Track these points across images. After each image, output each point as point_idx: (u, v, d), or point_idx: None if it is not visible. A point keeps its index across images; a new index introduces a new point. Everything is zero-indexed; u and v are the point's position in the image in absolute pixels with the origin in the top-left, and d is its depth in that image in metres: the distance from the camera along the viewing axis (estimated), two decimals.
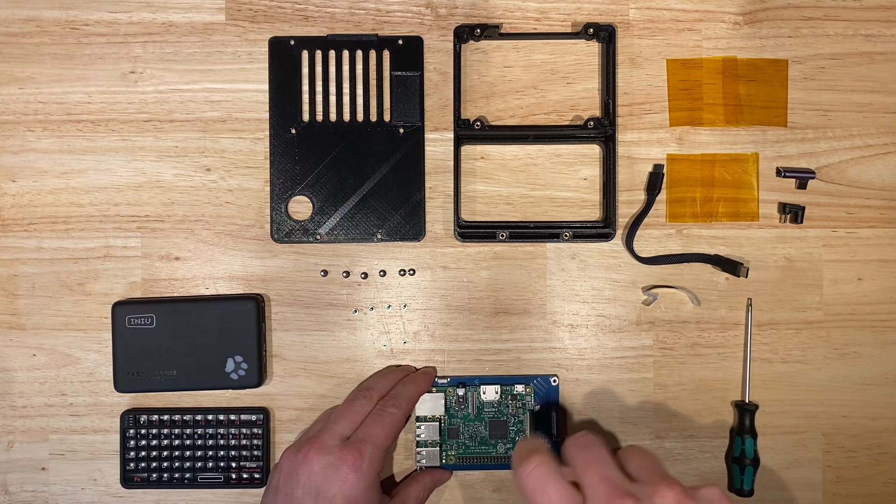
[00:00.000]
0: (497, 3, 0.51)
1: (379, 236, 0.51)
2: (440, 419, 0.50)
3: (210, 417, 0.50)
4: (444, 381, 0.51)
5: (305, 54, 0.51)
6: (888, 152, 0.52)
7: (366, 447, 0.44)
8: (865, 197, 0.52)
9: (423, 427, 0.50)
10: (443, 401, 0.50)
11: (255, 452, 0.50)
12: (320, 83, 0.51)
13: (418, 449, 0.50)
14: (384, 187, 0.51)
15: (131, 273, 0.51)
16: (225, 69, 0.51)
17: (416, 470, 0.50)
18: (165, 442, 0.50)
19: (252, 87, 0.51)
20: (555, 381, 0.51)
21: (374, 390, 0.48)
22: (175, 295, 0.51)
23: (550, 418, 0.50)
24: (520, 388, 0.50)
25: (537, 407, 0.50)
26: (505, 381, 0.51)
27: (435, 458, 0.50)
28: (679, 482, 0.35)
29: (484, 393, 0.50)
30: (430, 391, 0.50)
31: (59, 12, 0.51)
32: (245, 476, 0.50)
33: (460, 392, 0.50)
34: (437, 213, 0.51)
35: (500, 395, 0.50)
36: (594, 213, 0.52)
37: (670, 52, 0.52)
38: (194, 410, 0.50)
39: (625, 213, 0.51)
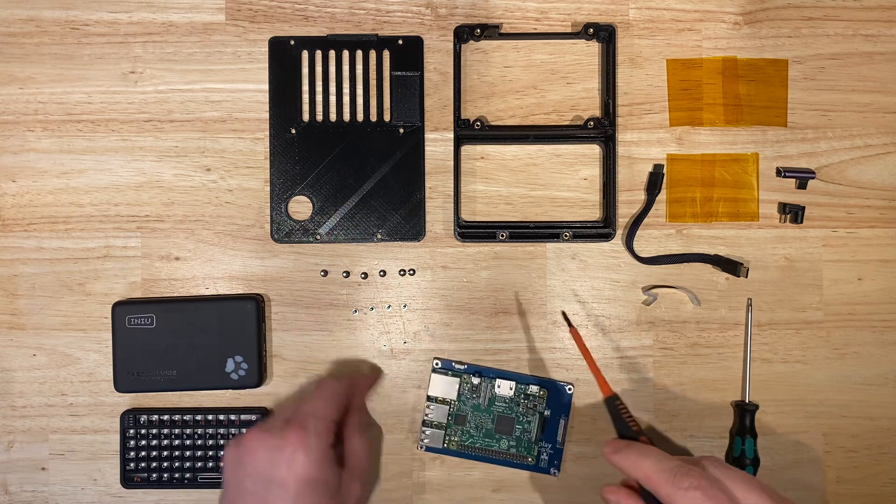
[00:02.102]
0: (497, 3, 0.51)
1: (379, 236, 0.51)
2: (451, 403, 0.50)
3: (210, 417, 0.50)
4: (462, 366, 0.51)
5: (305, 54, 0.51)
6: (888, 152, 0.52)
7: (308, 420, 0.41)
8: (865, 197, 0.52)
9: (432, 407, 0.50)
10: (457, 386, 0.50)
11: None
12: (320, 83, 0.51)
13: (423, 428, 0.50)
14: (384, 187, 0.51)
15: (131, 273, 0.51)
16: (225, 69, 0.51)
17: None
18: (165, 442, 0.50)
19: (252, 87, 0.51)
20: (570, 389, 0.51)
21: (326, 379, 0.47)
22: (175, 295, 0.51)
23: (558, 425, 0.50)
24: (534, 388, 0.50)
25: (547, 412, 0.50)
26: (521, 380, 0.51)
27: (438, 440, 0.50)
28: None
29: (498, 387, 0.50)
30: (446, 373, 0.50)
31: (59, 12, 0.51)
32: None
33: (475, 381, 0.50)
34: (437, 213, 0.51)
35: (514, 392, 0.50)
36: (594, 213, 0.52)
37: (670, 52, 0.52)
38: (194, 410, 0.50)
39: (625, 213, 0.51)
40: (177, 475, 0.50)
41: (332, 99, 0.51)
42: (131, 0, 0.51)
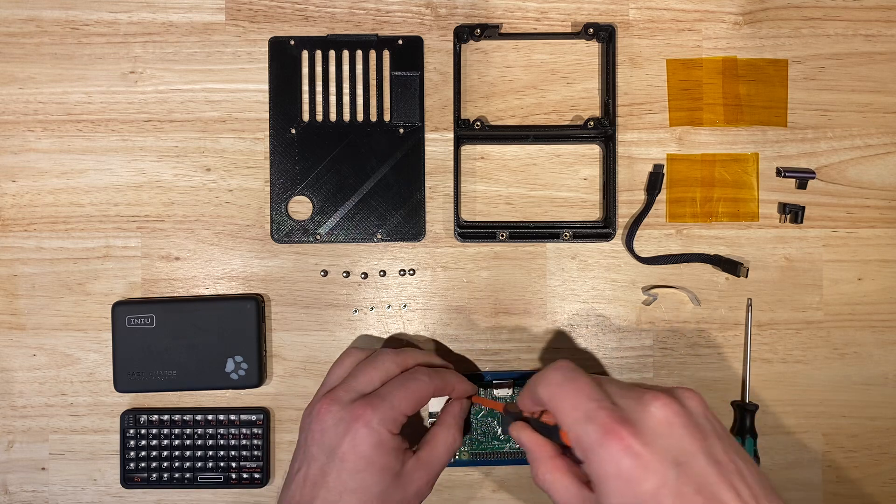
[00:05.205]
0: (497, 3, 0.51)
1: (379, 236, 0.51)
2: None
3: (210, 417, 0.50)
4: None
5: (305, 54, 0.51)
6: (888, 152, 0.52)
7: (379, 402, 0.41)
8: (865, 197, 0.52)
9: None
10: None
11: (255, 452, 0.50)
12: (320, 83, 0.51)
13: None
14: (384, 187, 0.51)
15: (131, 273, 0.51)
16: (225, 69, 0.51)
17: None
18: (165, 442, 0.50)
19: (252, 87, 0.51)
20: None
21: (408, 355, 0.44)
22: (175, 295, 0.51)
23: None
24: None
25: None
26: (517, 376, 0.50)
27: None
28: (659, 388, 0.36)
29: (496, 388, 0.50)
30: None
31: (59, 12, 0.51)
32: (245, 476, 0.50)
33: None
34: (437, 213, 0.51)
35: (514, 391, 0.50)
36: (594, 213, 0.52)
37: (670, 52, 0.52)
38: (194, 410, 0.50)
39: (625, 213, 0.51)
40: (177, 475, 0.50)
41: (332, 99, 0.51)
42: (131, 0, 0.51)
